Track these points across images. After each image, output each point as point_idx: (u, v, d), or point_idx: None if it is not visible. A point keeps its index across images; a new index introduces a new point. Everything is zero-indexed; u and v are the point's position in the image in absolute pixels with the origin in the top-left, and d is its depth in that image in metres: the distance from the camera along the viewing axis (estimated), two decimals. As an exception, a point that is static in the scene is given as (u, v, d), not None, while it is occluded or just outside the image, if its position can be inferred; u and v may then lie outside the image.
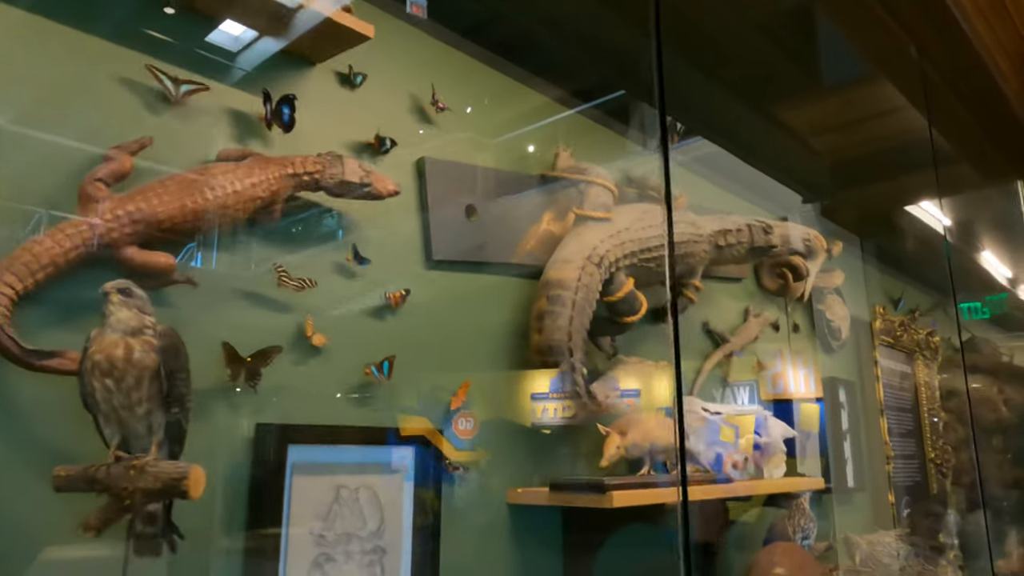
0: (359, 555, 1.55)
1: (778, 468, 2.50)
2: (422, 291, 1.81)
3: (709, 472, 2.22)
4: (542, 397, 1.98)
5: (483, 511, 1.85)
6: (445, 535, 1.73)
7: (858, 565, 2.68)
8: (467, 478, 1.82)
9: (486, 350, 1.94)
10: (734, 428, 3.11)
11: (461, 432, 1.84)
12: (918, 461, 4.34)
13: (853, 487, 3.48)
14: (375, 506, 1.60)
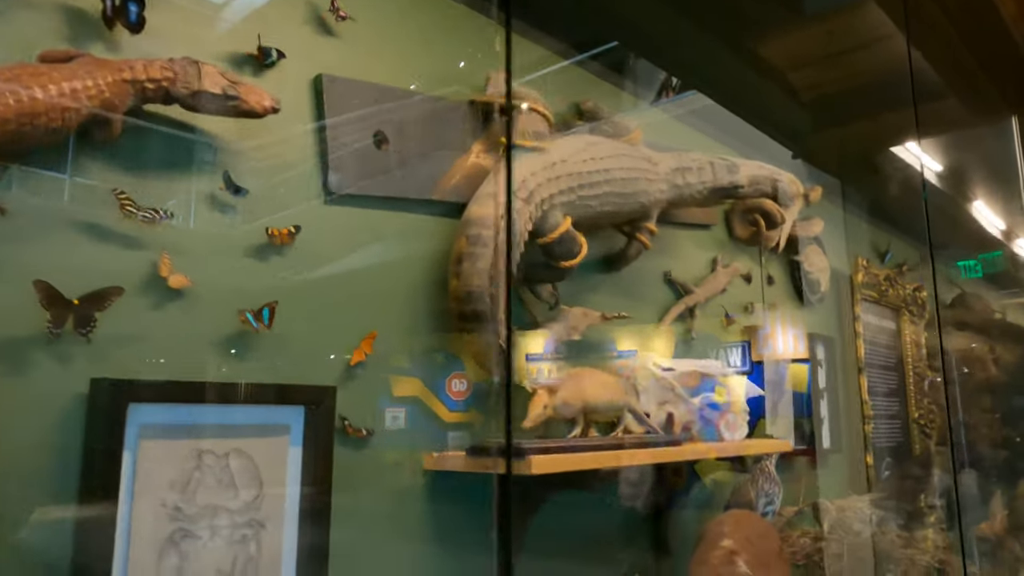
0: (229, 530, 1.34)
1: (739, 430, 2.30)
2: (318, 229, 1.57)
3: (659, 433, 2.01)
4: (536, 358, 1.87)
5: (394, 479, 1.64)
6: (342, 508, 1.52)
7: (826, 532, 2.50)
8: (374, 443, 1.61)
9: (400, 299, 1.71)
10: (725, 388, 2.93)
11: (455, 394, 1.74)
12: (901, 421, 4.15)
13: (829, 448, 3.29)
14: (251, 475, 1.38)
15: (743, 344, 3.03)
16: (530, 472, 1.49)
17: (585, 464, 1.59)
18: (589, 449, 1.64)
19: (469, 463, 1.62)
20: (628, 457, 1.72)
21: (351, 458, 1.56)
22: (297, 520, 1.44)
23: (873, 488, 3.40)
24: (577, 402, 1.67)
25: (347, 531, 1.52)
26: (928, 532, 4.16)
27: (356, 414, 1.58)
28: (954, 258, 4.91)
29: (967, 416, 4.34)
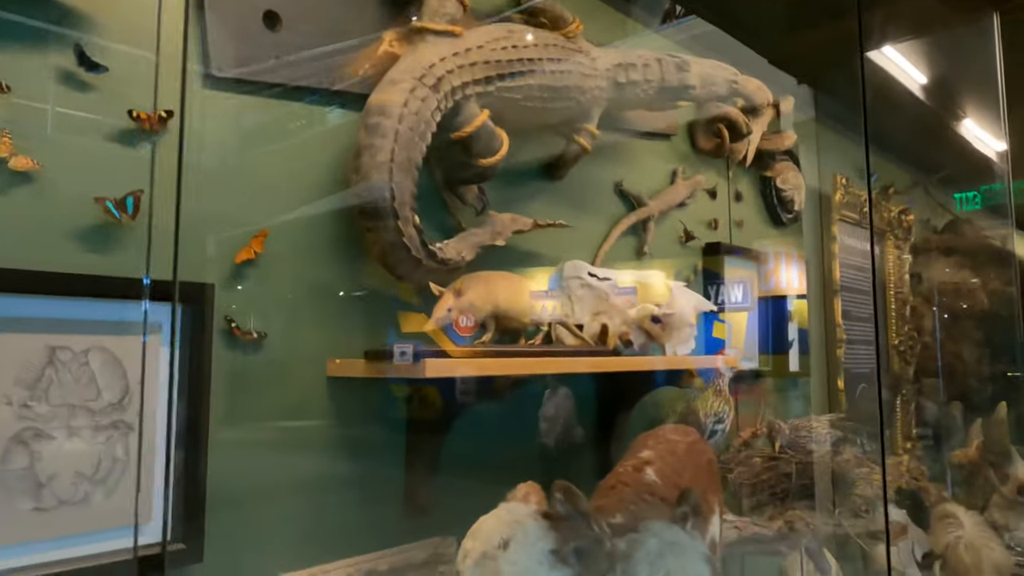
0: (90, 431, 1.26)
1: (684, 344, 2.20)
2: (199, 116, 1.45)
3: (592, 345, 1.91)
4: (541, 295, 1.83)
5: (293, 386, 1.56)
6: (229, 414, 1.44)
7: (777, 451, 2.42)
8: (268, 347, 1.52)
9: (299, 197, 1.60)
10: (726, 324, 2.83)
11: (462, 330, 1.69)
12: (879, 347, 4.06)
13: (796, 371, 3.20)
14: (115, 373, 1.30)
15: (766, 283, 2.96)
16: (424, 375, 1.40)
17: (487, 370, 1.49)
18: (492, 355, 1.54)
19: (368, 368, 1.53)
20: (536, 366, 1.63)
21: (240, 362, 1.48)
22: (172, 424, 1.36)
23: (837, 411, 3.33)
24: (487, 306, 1.57)
25: (233, 438, 1.44)
26: (904, 458, 4.13)
27: (247, 316, 1.48)
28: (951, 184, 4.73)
29: (954, 348, 4.23)
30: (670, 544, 1.03)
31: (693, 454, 1.74)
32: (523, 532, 1.09)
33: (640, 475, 1.38)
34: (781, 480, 2.38)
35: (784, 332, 3.15)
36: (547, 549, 1.09)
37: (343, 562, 1.57)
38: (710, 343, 2.66)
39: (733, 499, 2.43)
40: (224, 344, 1.45)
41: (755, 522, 2.24)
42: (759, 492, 2.39)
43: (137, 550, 1.29)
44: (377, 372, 1.50)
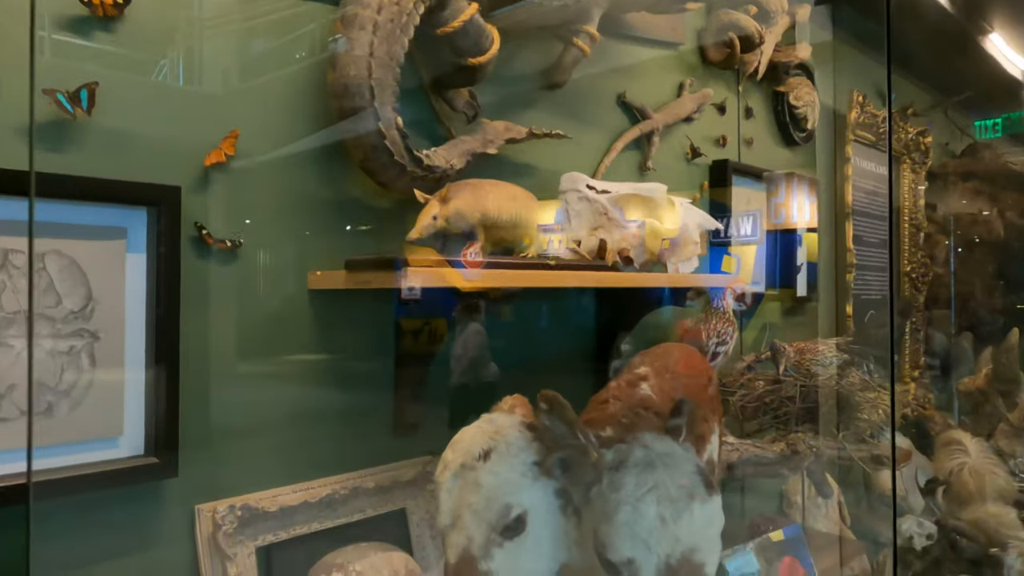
0: (51, 340, 1.19)
1: (687, 262, 2.11)
2: (157, 3, 1.33)
3: (587, 259, 1.82)
4: (549, 229, 1.77)
5: (270, 298, 1.48)
6: (201, 325, 1.37)
7: (780, 374, 2.36)
8: (244, 257, 1.44)
9: (274, 96, 1.49)
10: (736, 258, 2.73)
11: (471, 263, 1.59)
12: (891, 273, 3.95)
13: (804, 296, 3.11)
14: (76, 281, 1.22)
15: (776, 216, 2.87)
16: (405, 285, 1.31)
17: (476, 283, 1.41)
18: (486, 266, 1.45)
19: (350, 279, 1.45)
20: (527, 279, 1.54)
21: (213, 272, 1.40)
22: (141, 334, 1.29)
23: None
24: (474, 213, 1.47)
25: (207, 351, 1.38)
26: (911, 386, 4.07)
27: (220, 224, 1.40)
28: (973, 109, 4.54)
29: (967, 278, 4.13)
30: (660, 455, 0.96)
31: (692, 372, 1.67)
32: (505, 443, 1.02)
33: (634, 389, 1.31)
34: (784, 403, 2.32)
35: (793, 265, 3.06)
36: (530, 460, 1.02)
37: (328, 479, 1.53)
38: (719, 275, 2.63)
39: (735, 422, 2.38)
40: (195, 253, 1.37)
41: (756, 444, 2.19)
42: (761, 415, 2.34)
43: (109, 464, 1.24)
44: (359, 283, 1.42)
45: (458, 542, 1.01)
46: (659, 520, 0.92)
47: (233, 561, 1.35)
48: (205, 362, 1.38)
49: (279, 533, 1.45)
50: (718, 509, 0.97)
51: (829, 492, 2.53)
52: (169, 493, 1.33)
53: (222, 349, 1.41)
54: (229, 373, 1.41)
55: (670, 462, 0.96)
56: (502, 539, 1.00)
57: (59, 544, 1.21)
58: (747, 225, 2.91)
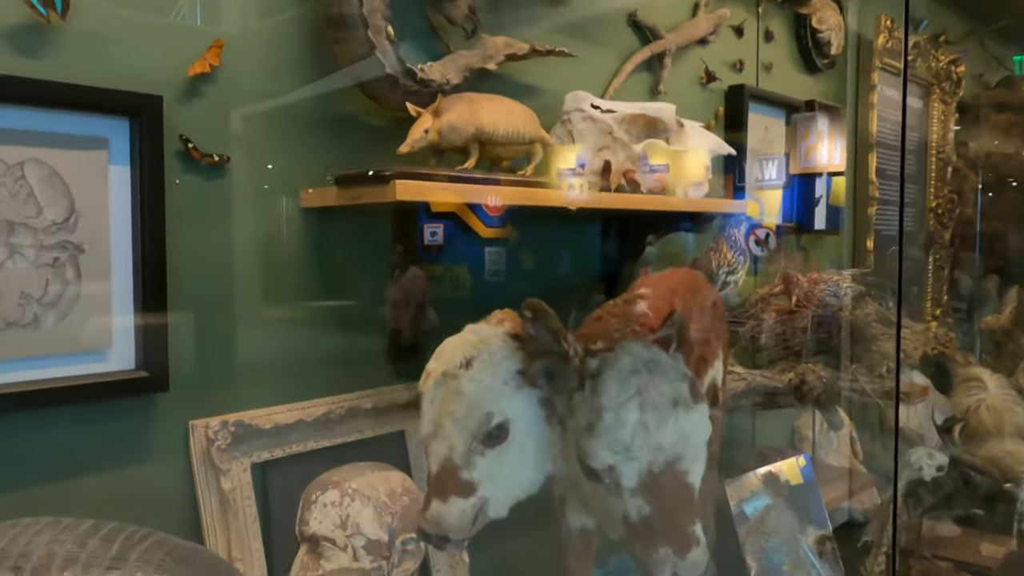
0: (33, 250, 1.17)
1: (696, 187, 2.04)
2: (136, -98, 1.27)
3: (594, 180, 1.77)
4: (569, 173, 1.74)
5: (261, 215, 1.45)
6: (191, 241, 1.35)
7: (793, 305, 2.30)
8: (233, 172, 1.40)
9: (257, 2, 1.43)
10: (759, 202, 2.65)
11: (491, 209, 1.62)
12: (915, 209, 3.84)
13: (822, 229, 3.03)
14: (58, 191, 1.20)
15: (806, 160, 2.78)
16: (394, 198, 1.28)
17: (464, 198, 1.37)
18: (480, 182, 1.41)
19: (341, 195, 1.41)
20: (522, 197, 1.49)
21: (201, 188, 1.37)
22: (128, 248, 1.27)
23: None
24: (468, 127, 1.42)
25: (196, 267, 1.36)
26: (932, 324, 3.99)
27: (206, 137, 1.36)
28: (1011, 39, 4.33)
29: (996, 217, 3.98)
30: (646, 362, 0.93)
31: (696, 295, 1.62)
32: (488, 351, 1.00)
33: (630, 307, 1.27)
34: (796, 334, 2.27)
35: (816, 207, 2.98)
36: (514, 369, 1.00)
37: (324, 400, 1.52)
38: (742, 221, 2.54)
39: (745, 354, 2.34)
40: (181, 167, 1.34)
41: (764, 374, 2.15)
42: (772, 347, 2.30)
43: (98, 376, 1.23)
44: (350, 199, 1.39)
45: (440, 451, 1.00)
46: (641, 427, 0.89)
47: (227, 475, 1.36)
48: (194, 279, 1.36)
49: (274, 451, 1.45)
50: (704, 418, 0.93)
51: (840, 424, 2.50)
52: (161, 408, 1.33)
53: (212, 267, 1.39)
54: (219, 292, 1.40)
55: (655, 368, 0.93)
56: (484, 448, 0.98)
57: (52, 454, 1.22)
58: (772, 168, 2.84)
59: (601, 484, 0.92)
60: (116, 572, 0.93)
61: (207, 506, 1.34)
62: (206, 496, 1.35)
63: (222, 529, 1.35)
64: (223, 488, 1.35)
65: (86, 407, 1.24)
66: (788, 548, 2.15)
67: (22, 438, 1.19)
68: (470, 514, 0.99)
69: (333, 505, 1.41)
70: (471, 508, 0.99)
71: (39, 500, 1.18)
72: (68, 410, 1.22)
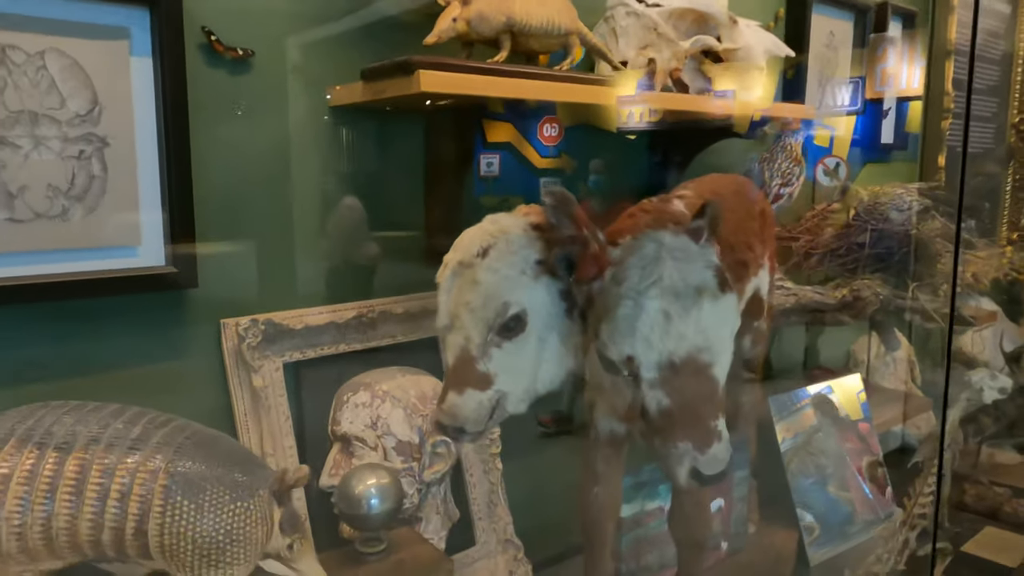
0: (59, 142, 1.17)
1: (750, 90, 1.92)
2: None
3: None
4: (629, 100, 1.68)
5: (291, 110, 1.42)
6: (214, 139, 1.33)
7: (851, 219, 2.18)
8: (258, 67, 1.37)
9: None
10: (830, 131, 2.53)
11: (546, 139, 1.69)
12: (996, 125, 3.57)
13: (889, 143, 2.85)
14: (80, 82, 1.18)
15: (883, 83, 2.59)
16: (419, 89, 1.22)
17: (494, 91, 1.30)
18: (509, 75, 1.34)
19: (367, 90, 1.37)
20: (556, 92, 1.41)
21: (225, 83, 1.34)
22: (153, 142, 1.26)
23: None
24: (499, 17, 1.34)
25: (223, 164, 1.34)
26: (1007, 249, 3.76)
27: (231, 31, 1.32)
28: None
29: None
30: (671, 249, 0.87)
31: (742, 201, 1.54)
32: (506, 240, 0.95)
33: (666, 205, 1.20)
34: (853, 250, 2.16)
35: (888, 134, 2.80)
36: (533, 258, 0.95)
37: (354, 303, 1.51)
38: (810, 150, 2.41)
39: (798, 271, 2.25)
40: (205, 60, 1.31)
41: (816, 290, 2.06)
42: (827, 262, 2.19)
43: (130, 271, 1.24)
44: (375, 93, 1.34)
45: (456, 342, 0.97)
46: (663, 316, 0.84)
47: (258, 373, 1.37)
48: (222, 178, 1.35)
49: (306, 351, 1.46)
50: (732, 309, 0.88)
51: (896, 345, 2.40)
52: (193, 305, 1.34)
53: (239, 166, 1.37)
54: (247, 192, 1.38)
55: (681, 256, 0.87)
56: (500, 339, 0.94)
57: (85, 346, 1.24)
58: (845, 93, 2.67)
59: (620, 376, 0.88)
60: (137, 453, 0.95)
61: (239, 402, 1.36)
62: (238, 392, 1.36)
63: (254, 425, 1.37)
64: (254, 385, 1.36)
65: (118, 300, 1.25)
66: (835, 470, 2.10)
67: (56, 328, 1.21)
68: (487, 407, 0.96)
69: (364, 406, 1.42)
70: (488, 401, 0.96)
71: (74, 390, 1.21)
72: (101, 303, 1.24)
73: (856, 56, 2.68)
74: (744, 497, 1.76)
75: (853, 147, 2.76)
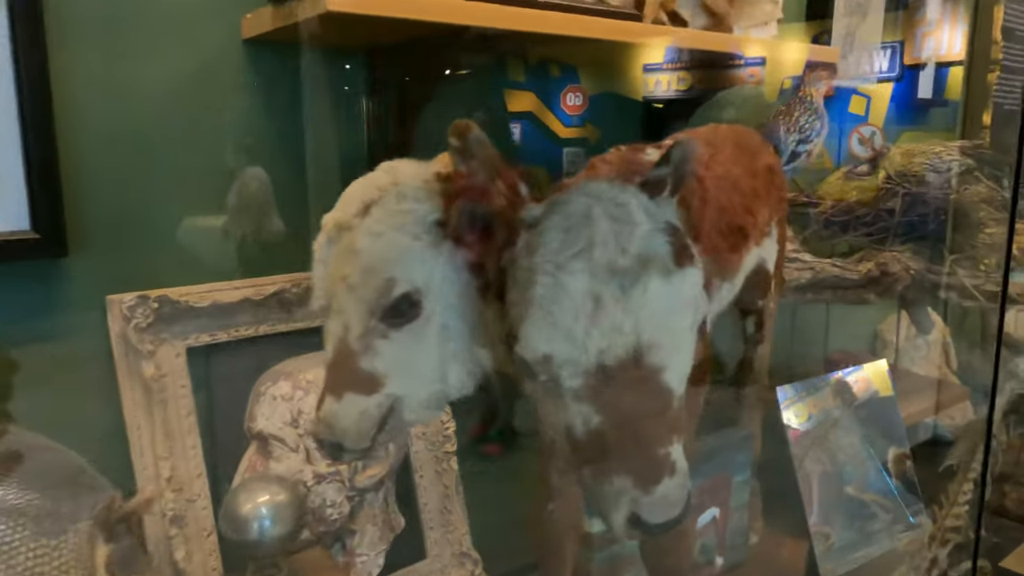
0: None
1: (763, 27, 1.64)
2: None
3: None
4: (655, 68, 1.71)
5: (187, 47, 1.18)
6: (89, 81, 1.09)
7: (881, 181, 1.89)
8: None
9: None
10: (865, 99, 2.30)
11: (569, 108, 1.64)
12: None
13: (928, 97, 2.53)
14: (-101, -1, 0.95)
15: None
16: (324, 10, 0.97)
17: (421, 13, 1.04)
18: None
19: (276, 15, 1.11)
20: (528, 21, 1.14)
21: (108, 7, 1.10)
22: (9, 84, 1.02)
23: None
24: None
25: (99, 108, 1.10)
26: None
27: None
28: None
29: None
30: (608, 205, 0.62)
31: (743, 154, 1.27)
32: (396, 194, 0.70)
33: (636, 154, 0.94)
34: (881, 217, 1.87)
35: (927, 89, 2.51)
36: (431, 218, 0.70)
37: (275, 276, 1.27)
38: (845, 118, 2.21)
39: (818, 241, 1.97)
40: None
41: (837, 263, 1.78)
42: (852, 230, 1.91)
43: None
44: (284, 18, 1.09)
45: (333, 331, 0.73)
46: (591, 299, 0.58)
47: (151, 360, 1.14)
48: (101, 124, 1.11)
49: (216, 333, 1.23)
50: (691, 289, 0.62)
51: (929, 327, 2.11)
52: (68, 278, 1.11)
53: (123, 109, 1.13)
54: (135, 142, 1.14)
55: (622, 216, 0.61)
56: (387, 327, 0.70)
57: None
58: (882, 59, 2.41)
59: (537, 382, 0.64)
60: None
61: (128, 395, 1.14)
62: (126, 383, 1.14)
63: (146, 422, 1.14)
64: (145, 374, 1.13)
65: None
66: (855, 468, 1.84)
67: None
68: (373, 416, 0.72)
69: (284, 399, 1.19)
70: (375, 408, 0.72)
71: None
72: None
73: (891, 19, 2.41)
74: (744, 505, 1.52)
75: (889, 115, 2.48)
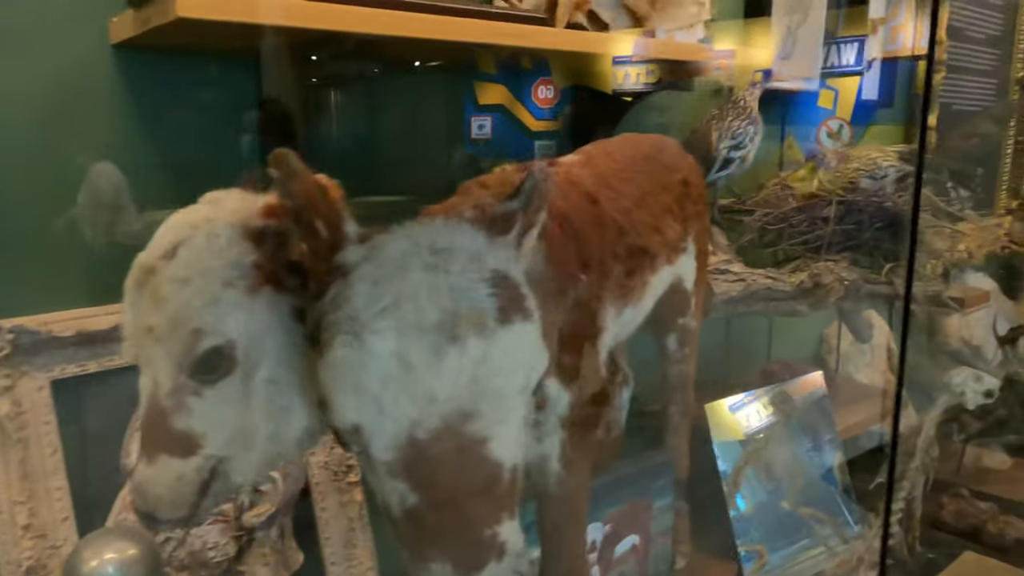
0: None
1: (688, 30, 1.57)
2: None
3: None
4: (624, 61, 1.62)
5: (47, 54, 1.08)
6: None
7: (815, 189, 1.84)
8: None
9: None
10: (833, 92, 2.25)
11: (541, 101, 1.60)
12: (998, 80, 3.20)
13: (873, 99, 2.49)
14: None
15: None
16: (174, 16, 0.88)
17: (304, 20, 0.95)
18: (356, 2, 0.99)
19: (136, 19, 1.02)
20: (421, 26, 1.06)
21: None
22: None
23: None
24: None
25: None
26: (1006, 220, 3.41)
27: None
28: None
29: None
30: (424, 252, 0.54)
31: (654, 166, 1.20)
32: (208, 233, 0.62)
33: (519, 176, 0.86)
34: (816, 225, 1.82)
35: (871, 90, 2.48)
36: (247, 261, 0.62)
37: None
38: (813, 112, 2.19)
39: (752, 251, 1.91)
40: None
41: (769, 274, 1.73)
42: (785, 240, 1.85)
43: None
44: (142, 24, 0.99)
45: (145, 386, 0.65)
46: (398, 362, 0.51)
47: (6, 395, 1.05)
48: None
49: (86, 364, 1.13)
50: (523, 348, 0.54)
51: (867, 336, 2.07)
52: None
53: None
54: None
55: (437, 264, 0.53)
56: (197, 384, 0.62)
57: None
58: (849, 53, 2.37)
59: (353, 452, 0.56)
60: None
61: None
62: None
63: (1, 464, 1.05)
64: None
65: None
66: (791, 481, 1.80)
67: None
68: (193, 480, 0.64)
69: (160, 433, 1.10)
70: (194, 472, 0.64)
71: None
72: None
73: (858, 13, 2.37)
74: (668, 530, 1.46)
75: (857, 109, 2.44)
